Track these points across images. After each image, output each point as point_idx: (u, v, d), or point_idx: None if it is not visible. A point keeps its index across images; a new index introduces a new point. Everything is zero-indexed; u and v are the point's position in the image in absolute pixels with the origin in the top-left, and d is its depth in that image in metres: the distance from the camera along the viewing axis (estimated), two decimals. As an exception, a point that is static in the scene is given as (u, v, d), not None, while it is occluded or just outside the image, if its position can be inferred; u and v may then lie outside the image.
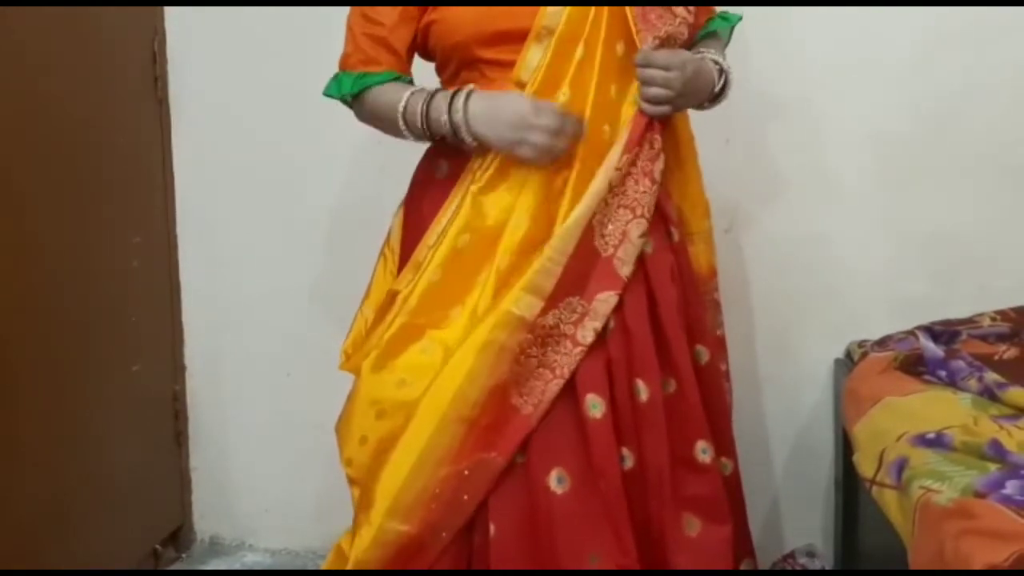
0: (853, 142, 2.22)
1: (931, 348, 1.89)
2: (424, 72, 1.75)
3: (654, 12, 1.61)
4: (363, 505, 1.64)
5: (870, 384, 1.87)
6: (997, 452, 1.52)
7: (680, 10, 1.64)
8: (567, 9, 1.59)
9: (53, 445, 2.15)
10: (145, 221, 2.46)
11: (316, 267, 2.47)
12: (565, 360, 1.58)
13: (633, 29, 1.59)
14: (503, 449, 1.58)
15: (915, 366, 1.88)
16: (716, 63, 1.71)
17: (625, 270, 1.60)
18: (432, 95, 1.63)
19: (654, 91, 1.59)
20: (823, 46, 2.19)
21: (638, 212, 1.61)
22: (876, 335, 2.08)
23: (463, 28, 1.62)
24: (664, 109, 1.61)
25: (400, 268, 1.72)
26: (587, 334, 1.59)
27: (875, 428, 1.74)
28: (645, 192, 1.61)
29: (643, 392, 1.61)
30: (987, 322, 2.05)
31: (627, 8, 1.59)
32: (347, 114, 1.77)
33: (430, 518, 1.59)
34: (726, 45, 1.83)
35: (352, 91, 1.69)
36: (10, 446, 2.02)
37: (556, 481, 1.57)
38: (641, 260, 1.63)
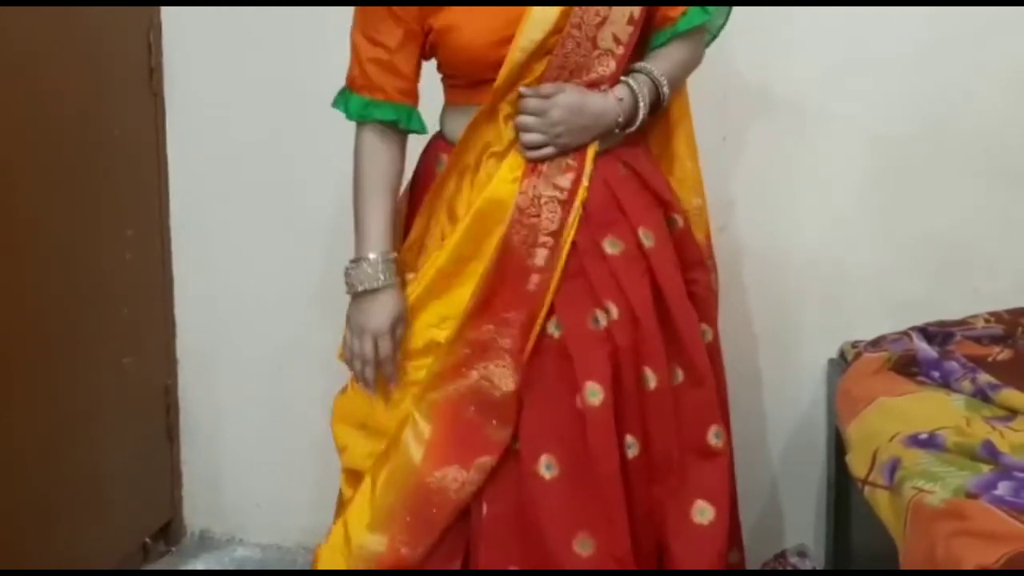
0: (849, 142, 2.21)
1: (925, 349, 1.89)
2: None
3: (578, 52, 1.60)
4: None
5: (864, 384, 1.87)
6: (990, 453, 1.52)
7: (606, 43, 1.60)
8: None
9: (43, 437, 2.14)
10: (138, 214, 2.45)
11: (309, 262, 2.46)
12: (506, 372, 1.60)
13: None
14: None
15: (909, 367, 1.89)
16: (633, 90, 1.63)
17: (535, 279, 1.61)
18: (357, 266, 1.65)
19: (527, 137, 1.60)
20: (820, 45, 2.18)
21: (550, 230, 1.62)
22: (870, 335, 2.08)
23: (475, 45, 1.60)
24: (543, 152, 1.61)
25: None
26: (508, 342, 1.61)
27: (868, 428, 1.74)
28: (551, 208, 1.61)
29: (651, 380, 1.63)
30: (981, 324, 2.05)
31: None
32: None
33: (403, 534, 1.62)
34: (707, 42, 1.76)
35: (356, 118, 1.69)
36: (0, 438, 2.01)
37: (545, 467, 1.60)
38: (644, 254, 1.65)
